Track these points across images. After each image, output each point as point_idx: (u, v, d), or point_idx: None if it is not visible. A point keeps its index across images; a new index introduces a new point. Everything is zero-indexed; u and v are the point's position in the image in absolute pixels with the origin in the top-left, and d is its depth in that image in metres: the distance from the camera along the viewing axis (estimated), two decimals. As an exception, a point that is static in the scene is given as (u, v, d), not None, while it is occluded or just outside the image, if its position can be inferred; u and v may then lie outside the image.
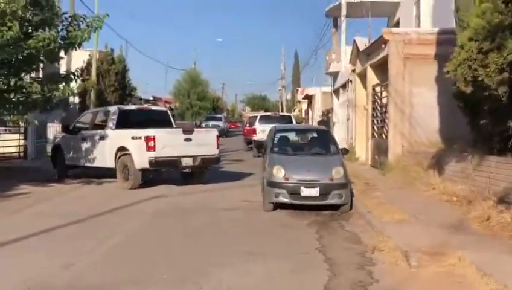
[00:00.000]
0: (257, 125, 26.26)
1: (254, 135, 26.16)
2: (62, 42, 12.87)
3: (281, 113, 32.41)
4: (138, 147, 13.59)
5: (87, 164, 15.41)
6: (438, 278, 6.00)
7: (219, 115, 55.69)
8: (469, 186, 10.32)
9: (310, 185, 10.09)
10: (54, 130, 22.81)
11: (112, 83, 28.52)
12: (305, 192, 10.08)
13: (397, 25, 28.46)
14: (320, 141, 12.05)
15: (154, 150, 13.37)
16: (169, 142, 13.70)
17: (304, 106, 56.41)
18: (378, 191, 12.02)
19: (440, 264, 6.28)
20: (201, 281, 5.87)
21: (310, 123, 43.47)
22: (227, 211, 10.70)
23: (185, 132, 14.17)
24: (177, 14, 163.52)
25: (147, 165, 13.48)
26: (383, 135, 17.58)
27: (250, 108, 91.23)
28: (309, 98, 49.96)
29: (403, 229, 8.10)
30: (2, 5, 11.04)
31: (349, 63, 23.20)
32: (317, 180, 10.14)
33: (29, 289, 5.62)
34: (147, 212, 10.57)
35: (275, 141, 11.61)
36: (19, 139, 21.21)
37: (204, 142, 14.23)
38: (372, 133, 18.97)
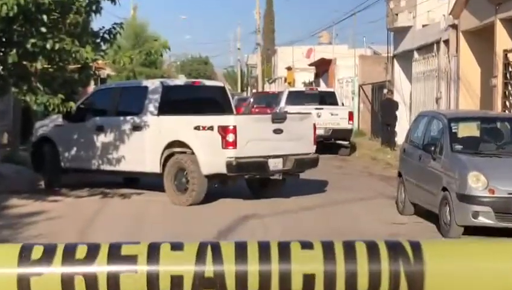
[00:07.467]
0: (285, 107, 16.53)
1: None
2: None
3: (321, 89, 22.15)
4: (207, 142, 9.31)
5: (106, 168, 10.58)
6: None
7: None
8: None
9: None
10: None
11: None
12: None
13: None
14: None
15: (235, 147, 9.17)
16: (255, 136, 9.55)
17: (304, 75, 35.20)
18: None
19: None
20: None
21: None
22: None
23: (275, 119, 9.98)
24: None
25: (222, 170, 9.16)
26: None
27: (186, 76, 50.07)
28: (321, 64, 31.27)
29: None
30: None
31: (449, 14, 17.00)
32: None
33: None
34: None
35: (452, 135, 7.74)
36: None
37: (298, 134, 10.07)
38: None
